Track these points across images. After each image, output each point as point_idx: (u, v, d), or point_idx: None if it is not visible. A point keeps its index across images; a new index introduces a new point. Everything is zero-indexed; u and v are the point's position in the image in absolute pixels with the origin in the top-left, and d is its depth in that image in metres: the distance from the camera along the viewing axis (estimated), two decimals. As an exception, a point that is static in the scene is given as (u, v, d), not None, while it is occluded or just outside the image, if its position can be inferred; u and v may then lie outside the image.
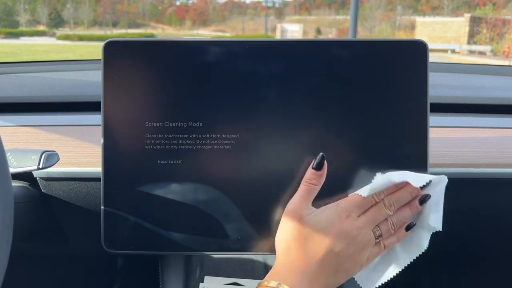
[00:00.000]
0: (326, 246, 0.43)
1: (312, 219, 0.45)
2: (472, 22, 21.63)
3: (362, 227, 0.44)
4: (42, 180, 0.60)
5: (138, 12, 45.12)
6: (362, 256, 0.45)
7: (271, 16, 43.45)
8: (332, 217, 0.44)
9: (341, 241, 0.43)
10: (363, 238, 0.44)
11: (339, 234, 0.43)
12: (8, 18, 32.18)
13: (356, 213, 0.45)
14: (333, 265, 0.44)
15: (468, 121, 0.72)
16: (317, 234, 0.44)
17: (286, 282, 0.42)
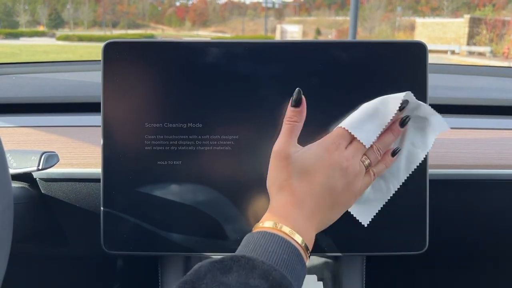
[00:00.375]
0: (318, 181, 0.42)
1: (300, 156, 0.43)
2: (471, 23, 21.66)
3: (351, 158, 0.44)
4: (41, 181, 0.60)
5: (138, 13, 45.14)
6: (355, 186, 0.44)
7: (271, 17, 43.49)
8: (321, 151, 0.43)
9: (333, 174, 0.43)
10: (354, 168, 0.43)
11: (330, 167, 0.43)
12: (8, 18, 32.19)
13: (343, 144, 0.44)
14: (328, 199, 0.43)
15: (467, 122, 0.72)
16: (307, 170, 0.43)
17: (282, 221, 0.40)
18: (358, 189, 0.45)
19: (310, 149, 0.44)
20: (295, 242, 0.39)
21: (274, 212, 0.42)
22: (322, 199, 0.43)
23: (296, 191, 0.42)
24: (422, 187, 0.52)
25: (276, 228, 0.40)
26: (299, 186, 0.43)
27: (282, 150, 0.44)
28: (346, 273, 0.60)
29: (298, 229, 0.40)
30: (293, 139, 0.45)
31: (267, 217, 0.42)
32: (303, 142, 0.50)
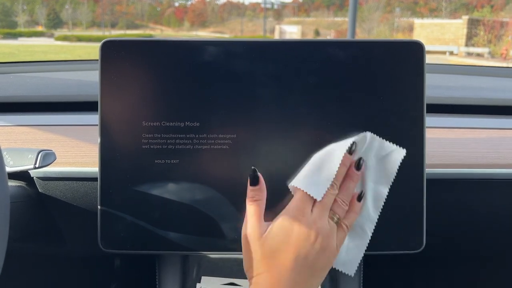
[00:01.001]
0: (293, 254, 0.42)
1: (270, 235, 0.43)
2: (470, 24, 21.70)
3: (318, 220, 0.43)
4: (39, 180, 0.60)
5: (136, 13, 45.11)
6: (331, 246, 0.44)
7: (270, 18, 43.51)
8: (289, 223, 0.43)
9: (305, 243, 0.43)
10: (324, 230, 0.43)
11: (301, 237, 0.43)
12: (7, 18, 32.14)
13: (308, 208, 0.44)
14: (307, 268, 0.43)
15: (465, 122, 0.72)
16: (279, 248, 0.43)
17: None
18: (334, 247, 0.44)
19: (278, 224, 0.44)
20: None
21: None
22: (301, 271, 0.43)
23: (272, 270, 0.42)
24: (419, 186, 0.52)
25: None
26: (273, 265, 0.43)
27: (251, 233, 0.44)
28: (343, 272, 0.60)
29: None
30: (259, 218, 0.45)
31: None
32: (303, 143, 0.50)
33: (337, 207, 0.45)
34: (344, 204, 0.46)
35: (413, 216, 0.52)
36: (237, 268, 0.61)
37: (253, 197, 0.45)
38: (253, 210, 0.45)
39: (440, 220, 0.65)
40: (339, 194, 0.46)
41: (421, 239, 0.52)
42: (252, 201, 0.45)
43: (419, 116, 0.51)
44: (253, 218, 0.45)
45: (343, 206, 0.46)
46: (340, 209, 0.45)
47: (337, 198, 0.45)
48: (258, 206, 0.45)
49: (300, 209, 0.44)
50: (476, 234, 0.73)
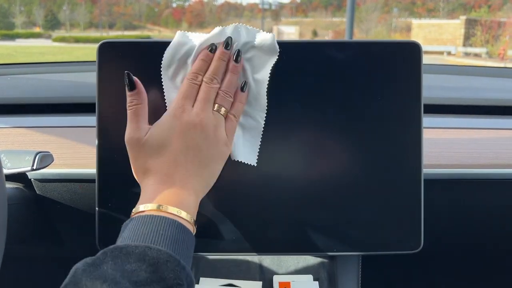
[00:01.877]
0: (177, 149, 0.43)
1: (151, 136, 0.44)
2: (467, 24, 21.76)
3: (201, 112, 0.44)
4: (36, 182, 0.60)
5: (134, 14, 45.10)
6: (219, 136, 0.45)
7: (268, 18, 43.54)
8: (169, 121, 0.44)
9: (189, 136, 0.43)
10: (209, 121, 0.44)
11: (183, 131, 0.43)
12: (4, 20, 32.08)
13: (189, 104, 0.44)
14: (196, 160, 0.43)
15: (462, 122, 0.72)
16: (162, 144, 0.43)
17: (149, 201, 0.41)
18: (224, 137, 0.45)
19: (159, 123, 0.44)
20: (171, 214, 0.40)
21: (144, 196, 0.42)
22: (188, 163, 0.43)
23: (158, 168, 0.43)
24: (416, 187, 0.52)
25: (148, 209, 0.40)
26: (159, 162, 0.43)
27: (132, 137, 0.44)
28: (341, 272, 0.60)
29: (172, 201, 0.41)
30: (140, 122, 0.45)
31: (139, 202, 0.42)
32: (301, 143, 0.50)
33: (221, 99, 0.46)
34: (228, 96, 0.46)
35: (411, 217, 0.52)
36: (235, 269, 0.61)
37: (131, 102, 0.45)
38: (132, 114, 0.45)
39: (438, 220, 0.65)
40: (221, 87, 0.46)
41: (419, 240, 0.53)
42: (131, 106, 0.45)
43: (416, 117, 0.51)
44: (132, 121, 0.45)
45: (227, 98, 0.46)
46: (225, 101, 0.46)
47: (220, 91, 0.46)
48: (137, 110, 0.45)
49: (180, 106, 0.44)
50: (474, 234, 0.73)
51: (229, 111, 0.46)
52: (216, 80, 0.46)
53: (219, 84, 0.46)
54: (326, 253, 0.53)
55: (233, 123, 0.47)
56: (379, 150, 0.51)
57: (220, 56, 0.46)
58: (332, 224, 0.52)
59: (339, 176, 0.51)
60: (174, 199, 0.41)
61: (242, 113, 0.48)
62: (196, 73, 0.46)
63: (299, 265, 0.62)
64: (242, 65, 0.47)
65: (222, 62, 0.46)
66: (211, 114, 0.45)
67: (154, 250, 0.35)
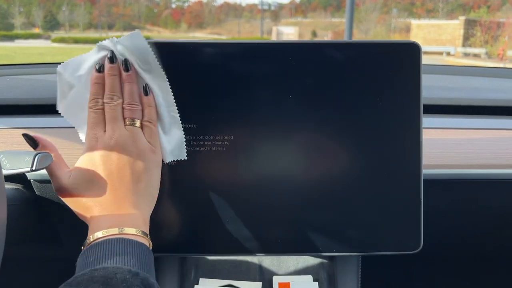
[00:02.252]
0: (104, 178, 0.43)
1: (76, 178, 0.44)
2: (466, 25, 21.77)
3: (113, 134, 0.44)
4: (36, 182, 0.60)
5: (133, 15, 45.09)
6: (141, 147, 0.45)
7: (267, 19, 43.57)
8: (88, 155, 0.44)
9: (111, 161, 0.43)
10: (124, 138, 0.44)
11: (103, 159, 0.43)
12: (3, 20, 32.06)
13: (100, 131, 0.45)
14: (127, 180, 0.43)
15: (461, 123, 0.72)
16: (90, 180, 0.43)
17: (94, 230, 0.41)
18: (147, 146, 0.45)
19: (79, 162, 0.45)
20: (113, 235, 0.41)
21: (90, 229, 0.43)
22: (121, 186, 0.43)
23: (95, 202, 0.43)
24: (416, 187, 0.52)
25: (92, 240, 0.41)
26: (93, 197, 0.43)
27: (57, 187, 0.45)
28: (341, 273, 0.60)
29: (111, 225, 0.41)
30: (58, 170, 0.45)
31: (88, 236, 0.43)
32: (299, 144, 0.50)
33: (129, 112, 0.45)
34: (134, 106, 0.46)
35: (410, 217, 0.52)
36: (235, 269, 0.61)
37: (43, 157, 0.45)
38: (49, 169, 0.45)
39: (437, 221, 0.65)
40: (125, 100, 0.46)
41: (418, 240, 0.53)
42: None
43: (416, 117, 0.51)
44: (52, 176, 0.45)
45: (134, 108, 0.46)
46: (133, 112, 0.45)
47: (124, 105, 0.45)
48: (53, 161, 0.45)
49: (92, 136, 0.44)
50: (473, 234, 0.73)
51: (142, 120, 0.46)
52: (116, 97, 0.45)
53: (121, 99, 0.46)
54: (325, 253, 0.53)
55: (152, 129, 0.46)
56: (378, 151, 0.51)
57: (110, 72, 0.46)
58: (332, 225, 0.52)
59: (338, 176, 0.51)
60: (116, 221, 0.42)
61: None
62: (95, 98, 0.46)
63: (299, 265, 0.62)
64: (135, 71, 0.47)
65: (115, 77, 0.46)
66: (125, 130, 0.45)
67: (99, 270, 0.36)
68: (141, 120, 0.46)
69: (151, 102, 0.47)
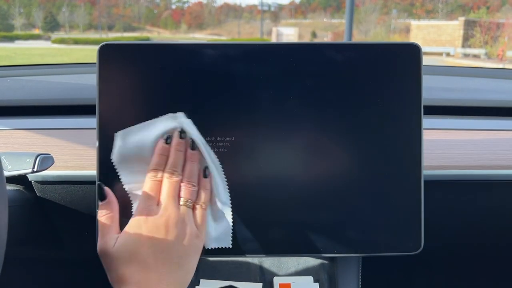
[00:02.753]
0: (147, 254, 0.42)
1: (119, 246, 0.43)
2: (466, 25, 21.78)
3: (165, 211, 0.44)
4: (37, 184, 0.60)
5: (133, 16, 45.12)
6: (189, 231, 0.44)
7: (267, 20, 43.59)
8: (136, 226, 0.43)
9: (158, 238, 0.42)
10: (176, 217, 0.43)
11: (152, 232, 0.43)
12: (3, 21, 32.07)
13: (153, 204, 0.44)
14: (168, 262, 0.43)
15: (462, 123, 0.72)
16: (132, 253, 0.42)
17: None
18: (193, 230, 0.45)
19: (126, 231, 0.44)
20: None
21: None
22: (160, 266, 0.42)
23: (132, 276, 0.42)
24: (416, 187, 0.52)
25: None
26: (131, 271, 0.42)
27: (101, 249, 0.44)
28: (342, 274, 0.60)
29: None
30: (109, 233, 0.44)
31: None
32: (300, 146, 0.50)
33: (186, 192, 0.45)
34: (191, 185, 0.45)
35: (411, 218, 0.52)
36: (235, 271, 0.61)
37: (101, 213, 0.45)
38: (102, 226, 0.45)
39: (438, 221, 0.65)
40: (183, 178, 0.45)
41: (419, 241, 0.53)
42: (101, 216, 0.45)
43: (416, 118, 0.51)
44: (101, 233, 0.45)
45: (191, 189, 0.45)
46: (189, 192, 0.45)
47: (183, 183, 0.45)
48: (107, 220, 0.45)
49: (145, 207, 0.44)
50: (474, 235, 0.73)
51: (196, 202, 0.46)
52: (177, 173, 0.45)
53: (181, 176, 0.45)
54: (326, 254, 0.53)
55: (202, 213, 0.46)
56: (379, 152, 0.51)
57: (177, 147, 0.46)
58: (332, 226, 0.52)
59: (339, 177, 0.51)
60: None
61: None
62: (156, 169, 0.45)
63: (300, 266, 0.62)
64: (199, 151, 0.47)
65: (180, 153, 0.46)
66: (177, 209, 0.44)
67: None
68: (194, 202, 0.46)
69: (208, 185, 0.47)
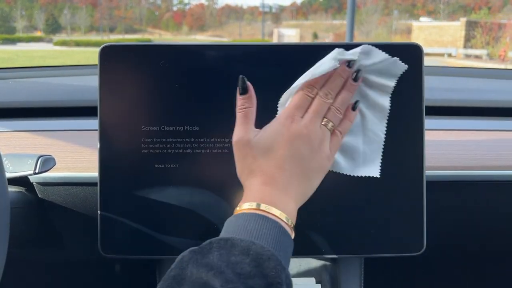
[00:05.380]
0: (283, 154, 0.43)
1: (260, 138, 0.44)
2: (468, 26, 21.76)
3: (309, 124, 0.44)
4: (38, 185, 0.60)
5: (135, 18, 45.20)
6: (323, 150, 0.45)
7: (268, 21, 43.62)
8: (278, 128, 0.44)
9: (296, 145, 0.43)
10: (316, 134, 0.44)
11: (290, 139, 0.43)
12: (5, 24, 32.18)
13: (299, 115, 0.45)
14: (299, 169, 0.43)
15: (464, 124, 0.72)
16: (270, 147, 0.43)
17: (257, 200, 0.41)
18: (327, 152, 0.45)
19: (268, 128, 0.45)
20: (273, 216, 0.40)
21: (248, 194, 0.43)
22: (292, 170, 0.43)
23: (264, 169, 0.43)
24: (419, 188, 0.52)
25: (253, 208, 0.41)
26: (266, 164, 0.43)
27: (241, 137, 0.45)
28: (344, 275, 0.60)
29: (275, 203, 0.41)
30: (249, 125, 0.45)
31: (243, 200, 0.43)
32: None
33: (331, 115, 0.46)
34: (339, 112, 0.46)
35: (413, 218, 0.52)
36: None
37: (242, 105, 0.46)
38: (242, 117, 0.46)
39: (440, 222, 0.65)
40: (334, 103, 0.46)
41: (421, 241, 0.52)
42: (241, 109, 0.46)
43: (418, 118, 0.51)
44: (242, 123, 0.45)
45: (338, 114, 0.46)
46: (335, 117, 0.46)
47: (332, 106, 0.46)
48: (248, 113, 0.46)
49: (290, 115, 0.45)
50: (477, 235, 0.73)
51: (337, 127, 0.46)
52: (331, 95, 0.46)
53: (333, 100, 0.46)
54: (328, 255, 0.53)
55: (338, 139, 0.47)
56: (381, 152, 0.51)
57: (341, 73, 0.46)
58: (335, 227, 0.52)
59: (341, 179, 0.51)
60: (277, 201, 0.42)
61: (363, 127, 0.49)
62: (312, 85, 0.46)
63: (301, 267, 0.61)
64: (359, 84, 0.47)
65: (341, 79, 0.46)
66: (319, 127, 0.45)
67: (258, 246, 0.36)
68: (334, 127, 0.46)
69: (352, 118, 0.48)
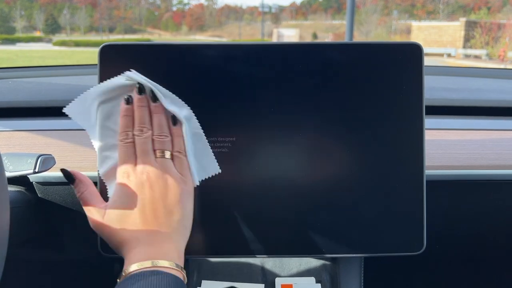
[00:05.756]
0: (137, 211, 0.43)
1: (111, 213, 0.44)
2: (467, 26, 21.78)
3: (144, 167, 0.44)
4: (38, 185, 0.60)
5: (134, 18, 45.21)
6: (172, 179, 0.45)
7: (268, 21, 43.64)
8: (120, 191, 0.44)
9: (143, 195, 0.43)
10: (155, 171, 0.44)
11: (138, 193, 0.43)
12: (4, 24, 32.16)
13: (130, 166, 0.45)
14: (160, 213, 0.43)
15: (464, 123, 0.72)
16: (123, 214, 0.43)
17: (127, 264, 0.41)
18: (177, 177, 0.45)
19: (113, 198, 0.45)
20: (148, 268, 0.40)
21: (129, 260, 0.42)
22: (153, 218, 0.43)
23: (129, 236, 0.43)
24: (419, 187, 0.52)
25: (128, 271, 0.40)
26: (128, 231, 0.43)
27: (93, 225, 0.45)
28: (344, 275, 0.60)
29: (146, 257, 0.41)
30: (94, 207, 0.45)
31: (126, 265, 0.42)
32: (302, 146, 0.50)
33: (159, 144, 0.45)
34: (163, 137, 0.46)
35: (413, 218, 0.52)
36: (237, 272, 0.61)
37: (78, 193, 0.46)
38: (84, 204, 0.45)
39: (440, 222, 0.65)
40: (154, 132, 0.46)
41: (421, 241, 0.52)
42: (79, 196, 0.46)
43: (418, 118, 0.51)
44: (88, 211, 0.45)
45: (164, 139, 0.46)
46: (163, 144, 0.45)
47: (154, 136, 0.45)
48: (85, 197, 0.45)
49: (123, 172, 0.45)
50: (477, 235, 0.73)
51: (172, 151, 0.46)
52: (146, 129, 0.45)
53: (151, 130, 0.46)
54: (328, 255, 0.53)
55: (182, 159, 0.46)
56: (381, 152, 0.51)
57: (139, 104, 0.46)
58: (334, 226, 0.52)
59: (341, 178, 0.51)
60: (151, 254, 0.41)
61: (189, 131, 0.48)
62: (125, 131, 0.46)
63: (301, 267, 0.61)
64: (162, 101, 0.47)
65: (144, 108, 0.46)
66: (156, 163, 0.45)
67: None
68: (171, 151, 0.46)
69: (179, 132, 0.47)
